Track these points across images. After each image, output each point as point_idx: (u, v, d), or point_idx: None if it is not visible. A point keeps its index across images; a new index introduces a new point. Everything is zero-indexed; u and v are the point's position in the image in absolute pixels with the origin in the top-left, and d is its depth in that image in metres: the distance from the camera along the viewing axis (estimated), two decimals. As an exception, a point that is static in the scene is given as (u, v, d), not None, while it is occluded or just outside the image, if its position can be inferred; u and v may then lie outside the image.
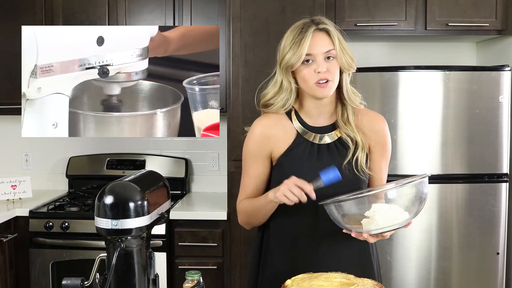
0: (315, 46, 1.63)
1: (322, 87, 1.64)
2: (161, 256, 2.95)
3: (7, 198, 3.22)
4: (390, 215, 1.48)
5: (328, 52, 1.64)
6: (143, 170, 1.61)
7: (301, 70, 1.65)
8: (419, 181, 1.53)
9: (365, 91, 1.79)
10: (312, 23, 1.66)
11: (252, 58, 2.94)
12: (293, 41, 1.64)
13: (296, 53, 1.63)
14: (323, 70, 1.62)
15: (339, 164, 1.68)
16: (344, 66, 1.66)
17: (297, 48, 1.63)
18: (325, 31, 1.65)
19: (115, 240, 1.36)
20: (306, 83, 1.66)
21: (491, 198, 2.84)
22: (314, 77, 1.63)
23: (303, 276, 1.47)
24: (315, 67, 1.63)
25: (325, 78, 1.63)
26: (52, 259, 3.02)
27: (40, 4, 3.26)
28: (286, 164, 1.71)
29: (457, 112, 2.82)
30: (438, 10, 2.96)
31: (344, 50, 1.66)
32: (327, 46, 1.64)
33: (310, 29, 1.64)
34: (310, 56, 1.63)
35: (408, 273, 2.86)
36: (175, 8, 3.24)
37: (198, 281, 1.46)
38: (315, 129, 1.73)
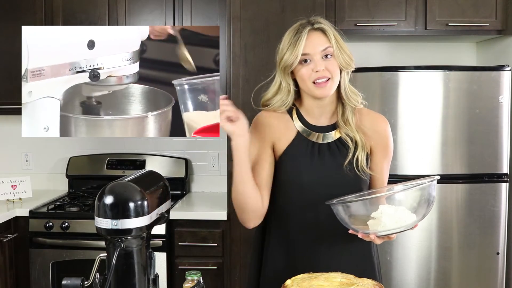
0: (311, 45, 1.64)
1: (321, 86, 1.64)
2: (161, 256, 2.95)
3: (7, 198, 3.22)
4: (398, 217, 1.48)
5: (325, 50, 1.64)
6: (143, 170, 1.61)
7: (299, 70, 1.66)
8: (428, 184, 1.52)
9: (365, 91, 1.79)
10: (307, 23, 1.67)
11: (252, 58, 2.94)
12: (289, 42, 1.66)
13: (292, 53, 1.64)
14: (321, 68, 1.63)
15: (339, 163, 1.68)
16: (342, 65, 1.66)
17: (293, 48, 1.64)
18: (320, 30, 1.66)
19: (115, 240, 1.36)
20: (305, 82, 1.66)
21: (491, 198, 2.84)
22: (312, 76, 1.64)
23: (303, 276, 1.47)
24: (313, 66, 1.63)
25: (324, 77, 1.63)
26: (52, 259, 3.02)
27: (40, 4, 3.26)
28: (287, 163, 1.71)
29: (457, 112, 2.82)
30: (438, 10, 2.96)
31: (341, 48, 1.66)
32: (323, 44, 1.64)
33: (305, 29, 1.65)
34: (307, 55, 1.64)
35: (408, 273, 2.86)
36: (175, 8, 3.24)
37: (198, 281, 1.46)
38: (316, 128, 1.73)
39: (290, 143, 1.72)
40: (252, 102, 1.87)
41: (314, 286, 1.40)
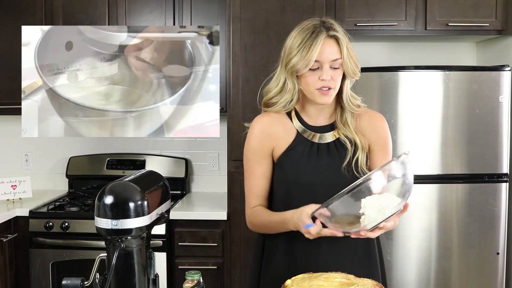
0: (324, 54, 1.61)
1: (323, 94, 1.64)
2: (161, 256, 2.95)
3: (7, 198, 3.22)
4: (379, 205, 1.42)
5: (335, 61, 1.62)
6: (143, 170, 1.61)
7: (306, 75, 1.63)
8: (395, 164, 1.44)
9: (365, 91, 1.80)
10: (323, 28, 1.62)
11: (252, 58, 2.94)
12: (302, 45, 1.61)
13: (304, 58, 1.60)
14: (328, 78, 1.61)
15: (338, 164, 1.68)
16: (348, 74, 1.65)
17: (306, 53, 1.60)
18: (334, 38, 1.63)
19: (115, 240, 1.36)
20: (309, 88, 1.65)
21: (491, 198, 2.84)
22: (317, 83, 1.63)
23: (303, 276, 1.47)
24: (320, 74, 1.62)
25: (328, 86, 1.63)
26: (52, 259, 3.02)
27: (40, 4, 3.26)
28: (286, 163, 1.71)
29: (457, 112, 2.82)
30: (438, 10, 2.96)
31: (351, 58, 1.64)
32: (335, 54, 1.62)
33: (321, 34, 1.60)
34: (317, 63, 1.61)
35: (408, 273, 2.86)
36: (175, 8, 3.24)
37: (198, 281, 1.46)
38: (314, 128, 1.73)
39: (290, 144, 1.72)
40: (258, 100, 1.85)
41: (314, 286, 1.40)
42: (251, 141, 1.75)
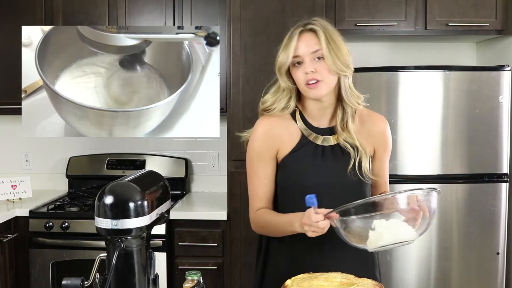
0: (301, 47, 1.63)
1: (311, 87, 1.63)
2: (161, 256, 2.95)
3: (7, 198, 3.22)
4: (395, 231, 1.43)
5: (315, 52, 1.63)
6: (143, 170, 1.61)
7: (294, 72, 1.66)
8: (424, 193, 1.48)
9: (365, 91, 1.79)
10: (300, 25, 1.67)
11: (252, 58, 2.94)
12: (283, 44, 1.67)
13: (284, 54, 1.65)
14: (310, 70, 1.62)
15: (343, 167, 1.68)
16: (331, 67, 1.62)
17: (286, 49, 1.65)
18: (312, 31, 1.64)
19: (115, 240, 1.36)
20: (300, 84, 1.67)
21: (491, 198, 2.84)
22: (303, 78, 1.64)
23: (303, 276, 1.47)
24: (304, 68, 1.63)
25: (314, 79, 1.62)
26: (52, 259, 3.02)
27: (40, 4, 3.26)
28: (289, 165, 1.71)
29: (457, 112, 2.82)
30: (438, 10, 2.96)
31: (333, 51, 1.62)
32: (313, 46, 1.63)
33: (296, 30, 1.65)
34: (298, 57, 1.64)
35: (408, 273, 2.86)
36: (175, 8, 3.24)
37: (198, 281, 1.46)
38: (318, 130, 1.73)
39: (294, 146, 1.71)
40: (258, 113, 1.85)
41: (314, 286, 1.40)
42: (255, 143, 1.74)
